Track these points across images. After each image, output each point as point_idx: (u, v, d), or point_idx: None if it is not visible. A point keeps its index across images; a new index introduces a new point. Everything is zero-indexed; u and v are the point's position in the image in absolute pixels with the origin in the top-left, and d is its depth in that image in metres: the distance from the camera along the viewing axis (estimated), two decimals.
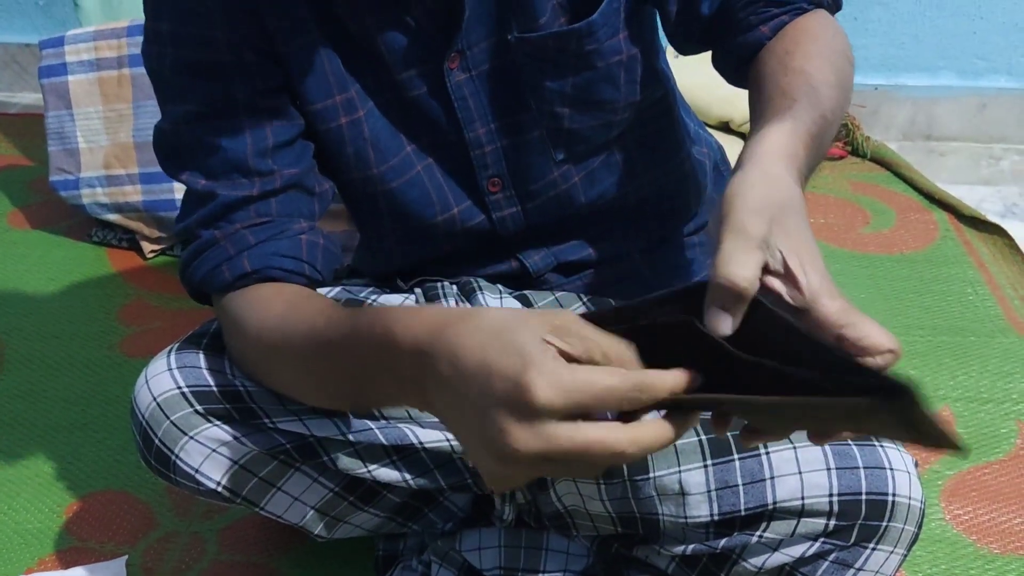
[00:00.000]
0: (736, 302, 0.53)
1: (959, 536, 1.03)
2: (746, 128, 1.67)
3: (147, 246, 1.55)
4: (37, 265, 1.55)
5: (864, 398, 0.47)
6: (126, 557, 1.01)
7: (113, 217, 1.54)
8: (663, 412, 0.55)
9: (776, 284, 0.55)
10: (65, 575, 0.99)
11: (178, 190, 1.49)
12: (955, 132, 1.84)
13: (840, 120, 0.70)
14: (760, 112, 0.67)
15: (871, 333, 0.53)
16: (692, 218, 0.95)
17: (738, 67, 0.78)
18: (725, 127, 1.68)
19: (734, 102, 1.64)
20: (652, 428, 0.53)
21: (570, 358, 0.52)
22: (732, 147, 1.65)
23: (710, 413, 0.57)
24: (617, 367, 0.52)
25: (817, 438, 0.57)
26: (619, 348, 0.53)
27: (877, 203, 1.64)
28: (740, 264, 0.53)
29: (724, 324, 0.53)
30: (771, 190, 0.57)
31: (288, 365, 0.72)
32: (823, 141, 0.67)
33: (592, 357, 0.53)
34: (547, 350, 0.52)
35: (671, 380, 0.53)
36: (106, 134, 1.53)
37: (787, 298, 0.55)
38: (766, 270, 0.55)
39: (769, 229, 0.55)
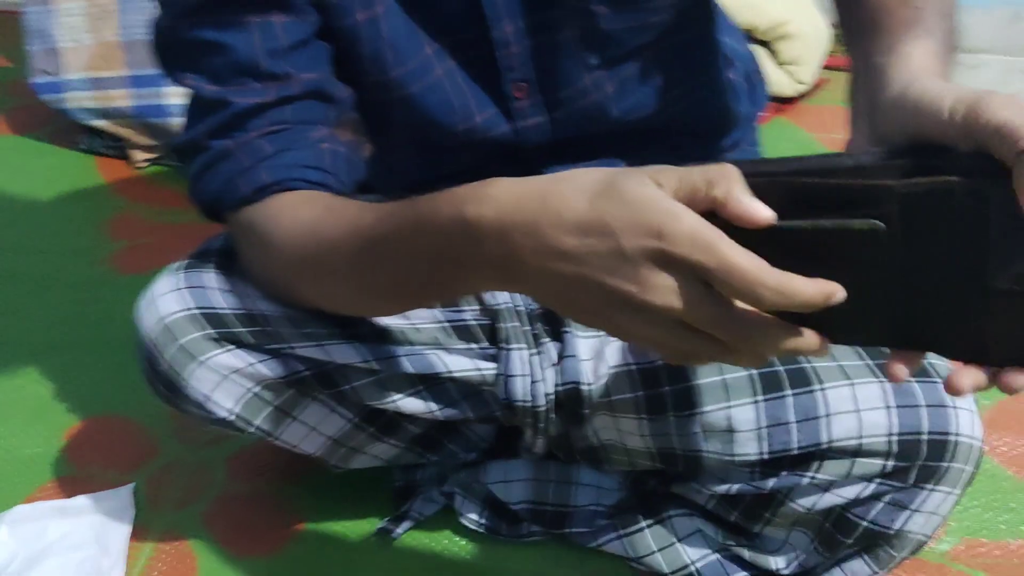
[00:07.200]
0: None
1: (998, 468, 1.00)
2: (770, 35, 1.59)
3: (137, 155, 1.47)
4: (19, 174, 1.47)
5: None
6: (133, 485, 0.97)
7: (100, 123, 1.46)
8: None
9: None
10: (69, 504, 0.94)
11: (170, 95, 1.41)
12: (986, 44, 1.76)
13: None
14: (881, 23, 0.58)
15: None
16: (724, 139, 0.89)
17: None
18: (747, 36, 1.60)
19: (760, 8, 1.55)
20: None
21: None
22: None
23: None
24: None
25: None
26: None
27: None
28: None
29: None
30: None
31: (326, 272, 0.66)
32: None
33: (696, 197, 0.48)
34: (658, 189, 0.48)
35: (825, 290, 0.47)
36: (90, 32, 1.43)
37: None
38: None
39: None
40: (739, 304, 0.48)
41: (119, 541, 0.90)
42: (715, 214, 0.48)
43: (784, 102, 1.64)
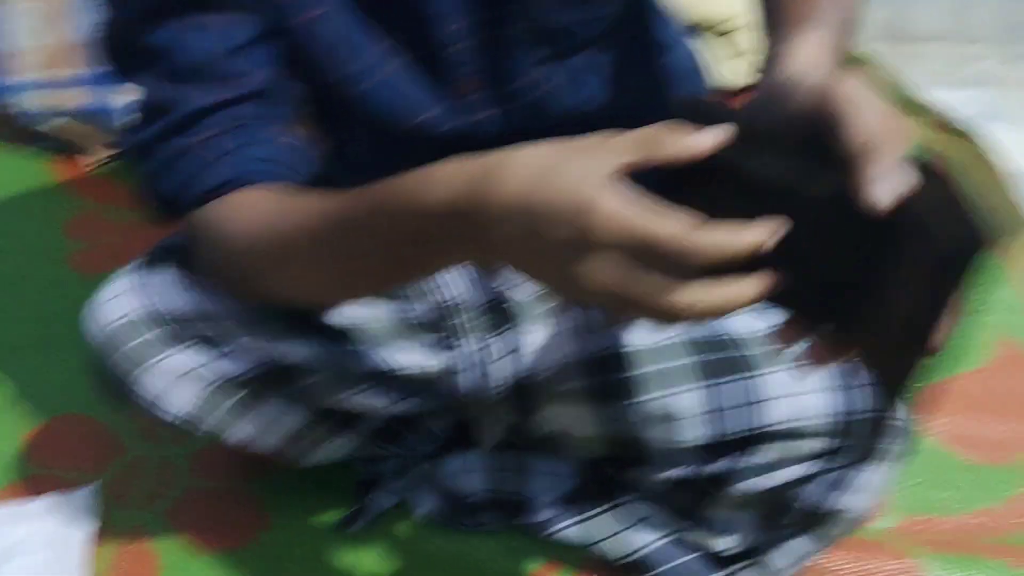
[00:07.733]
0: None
1: (940, 447, 1.03)
2: (726, 27, 1.61)
3: (93, 155, 1.46)
4: None
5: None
6: (95, 485, 0.97)
7: (55, 123, 1.45)
8: None
9: None
10: (30, 506, 0.94)
11: (126, 95, 1.40)
12: (932, 32, 1.79)
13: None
14: (782, 15, 0.62)
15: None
16: None
17: None
18: (703, 28, 1.62)
19: (714, 1, 1.57)
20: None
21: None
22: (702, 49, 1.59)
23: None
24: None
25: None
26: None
27: None
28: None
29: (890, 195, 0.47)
30: None
31: (293, 259, 0.66)
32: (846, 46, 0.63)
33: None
34: (600, 179, 0.49)
35: (751, 237, 0.48)
36: (44, 33, 1.42)
37: None
38: None
39: None
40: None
41: (82, 541, 0.91)
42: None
43: (742, 91, 1.66)
